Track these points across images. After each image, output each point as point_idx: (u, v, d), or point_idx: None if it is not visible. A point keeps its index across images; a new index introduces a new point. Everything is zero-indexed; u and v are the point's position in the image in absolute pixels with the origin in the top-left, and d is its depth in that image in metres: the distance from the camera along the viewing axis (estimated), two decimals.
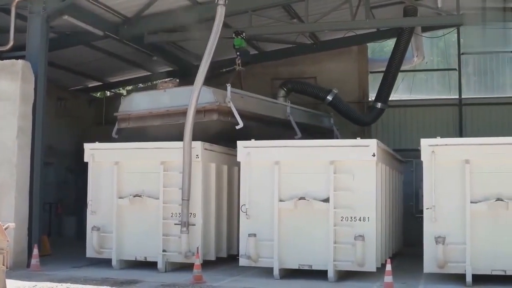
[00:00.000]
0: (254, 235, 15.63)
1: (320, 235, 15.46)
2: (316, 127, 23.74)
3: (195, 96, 16.75)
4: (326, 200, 15.44)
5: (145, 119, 19.08)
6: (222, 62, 25.57)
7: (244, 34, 21.43)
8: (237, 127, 18.18)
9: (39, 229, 17.86)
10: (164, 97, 18.93)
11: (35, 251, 16.75)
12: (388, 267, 13.86)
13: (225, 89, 18.52)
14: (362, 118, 25.25)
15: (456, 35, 27.56)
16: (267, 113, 20.62)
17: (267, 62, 27.29)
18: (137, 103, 19.52)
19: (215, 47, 17.11)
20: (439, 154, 15.02)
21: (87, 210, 17.82)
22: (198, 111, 17.38)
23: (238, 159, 16.41)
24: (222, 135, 18.34)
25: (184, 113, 17.14)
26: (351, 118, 24.84)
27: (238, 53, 21.84)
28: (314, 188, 15.64)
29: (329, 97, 24.05)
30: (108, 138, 18.77)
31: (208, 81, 17.81)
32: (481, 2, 20.85)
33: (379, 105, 25.03)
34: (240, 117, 18.26)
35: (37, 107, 17.72)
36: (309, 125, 23.18)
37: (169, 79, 21.19)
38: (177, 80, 20.30)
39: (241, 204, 16.22)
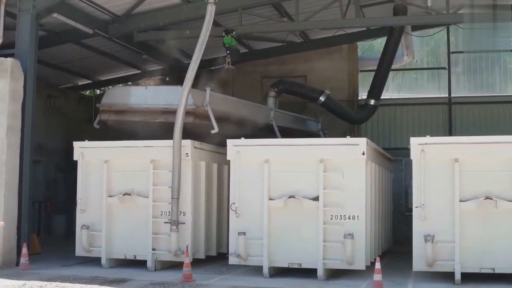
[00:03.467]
0: (244, 233, 15.63)
1: (310, 233, 15.47)
2: (302, 131, 23.76)
3: (185, 94, 16.75)
4: (316, 199, 15.45)
5: (125, 113, 19.05)
6: (212, 60, 25.58)
7: (234, 32, 21.44)
8: (212, 132, 18.30)
9: (28, 228, 17.78)
10: (145, 94, 18.97)
11: (24, 249, 16.66)
12: (378, 265, 13.90)
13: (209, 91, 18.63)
14: (355, 116, 25.34)
15: (446, 34, 27.66)
16: (249, 117, 20.65)
17: (257, 61, 27.30)
18: (119, 96, 19.53)
19: (206, 45, 17.12)
20: (428, 153, 15.06)
21: (77, 208, 17.76)
22: (175, 112, 17.40)
23: (228, 157, 16.40)
24: (196, 137, 18.26)
25: (162, 112, 17.29)
26: (345, 117, 24.94)
27: (228, 52, 21.85)
28: (303, 187, 15.65)
29: (322, 98, 24.10)
30: (97, 137, 18.70)
31: (197, 80, 17.82)
32: (471, 0, 20.91)
33: (372, 101, 25.19)
34: (220, 120, 18.31)
35: (27, 105, 17.63)
36: (295, 129, 23.22)
37: (157, 78, 21.09)
38: (159, 79, 20.27)
39: (230, 202, 16.21)
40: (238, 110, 20.40)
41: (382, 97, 25.65)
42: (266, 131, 21.31)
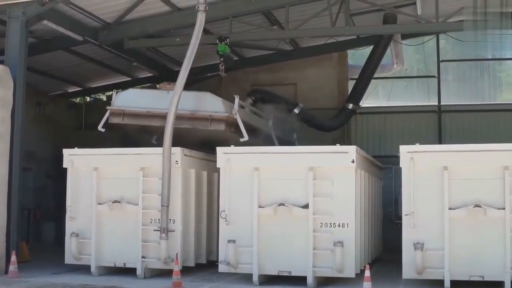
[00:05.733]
0: (234, 241, 15.61)
1: (300, 241, 15.48)
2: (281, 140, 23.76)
3: (175, 102, 16.73)
4: (306, 206, 15.46)
5: (142, 118, 18.55)
6: (203, 67, 25.62)
7: (228, 40, 21.39)
8: (242, 140, 18.16)
9: (18, 235, 17.71)
10: (167, 99, 18.20)
11: (13, 257, 16.57)
12: (367, 273, 13.86)
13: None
14: (329, 124, 25.40)
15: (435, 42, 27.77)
16: (256, 125, 20.52)
17: (248, 68, 27.30)
18: (134, 100, 19.03)
19: (196, 53, 17.15)
20: (418, 161, 15.09)
21: (66, 216, 17.71)
22: (203, 119, 17.50)
23: (218, 165, 16.39)
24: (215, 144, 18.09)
25: (187, 118, 17.15)
26: (319, 127, 25.01)
27: (221, 59, 21.83)
28: (293, 194, 15.66)
29: (296, 110, 24.24)
30: (87, 144, 18.63)
31: (189, 87, 17.80)
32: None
33: (350, 106, 25.46)
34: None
35: (16, 112, 17.59)
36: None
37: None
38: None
39: (220, 210, 16.20)
40: (250, 118, 20.23)
41: (371, 105, 25.74)
42: (266, 139, 21.08)
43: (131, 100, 19.02)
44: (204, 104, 18.14)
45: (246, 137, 18.25)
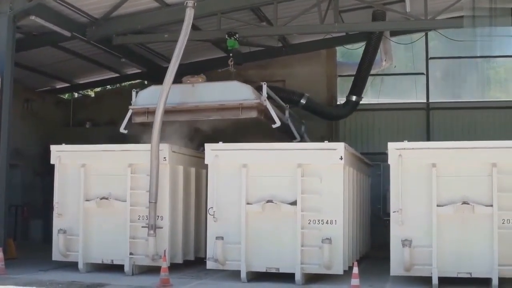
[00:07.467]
0: (222, 238, 15.59)
1: (288, 238, 15.48)
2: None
3: (163, 97, 16.68)
4: (294, 203, 15.45)
5: (169, 114, 17.93)
6: (194, 64, 25.58)
7: (237, 35, 21.23)
8: (274, 126, 18.13)
9: (4, 232, 17.66)
10: (192, 92, 18.27)
11: (0, 254, 16.52)
12: (355, 270, 13.91)
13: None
14: (336, 112, 25.63)
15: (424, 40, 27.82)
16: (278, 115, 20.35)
17: (237, 65, 27.21)
18: (157, 96, 18.00)
19: (185, 49, 17.09)
20: (406, 158, 15.11)
21: (53, 212, 17.63)
22: (233, 108, 17.42)
23: (206, 161, 16.36)
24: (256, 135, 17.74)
25: (216, 109, 17.21)
26: (326, 115, 25.14)
27: (231, 54, 21.72)
28: (281, 191, 15.65)
29: (303, 101, 24.18)
30: (74, 140, 18.54)
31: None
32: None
33: (353, 98, 25.55)
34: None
35: (3, 108, 17.50)
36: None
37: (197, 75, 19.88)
38: (204, 76, 19.15)
39: (208, 207, 16.17)
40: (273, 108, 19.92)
41: (360, 102, 25.77)
42: (282, 131, 20.48)
43: (153, 97, 18.27)
44: (232, 93, 18.00)
45: (278, 123, 18.19)
